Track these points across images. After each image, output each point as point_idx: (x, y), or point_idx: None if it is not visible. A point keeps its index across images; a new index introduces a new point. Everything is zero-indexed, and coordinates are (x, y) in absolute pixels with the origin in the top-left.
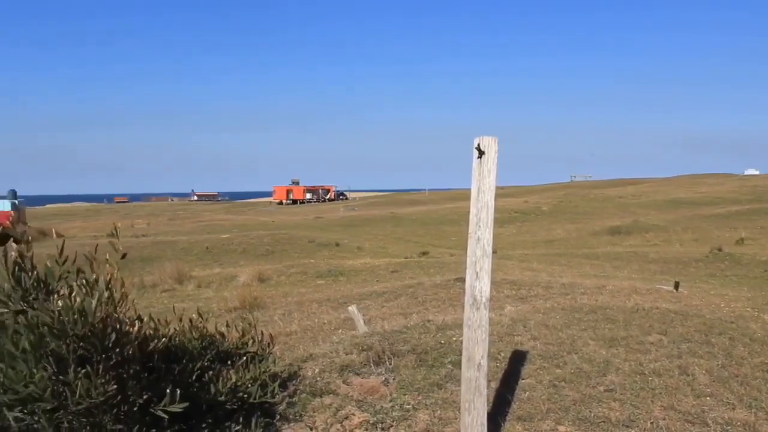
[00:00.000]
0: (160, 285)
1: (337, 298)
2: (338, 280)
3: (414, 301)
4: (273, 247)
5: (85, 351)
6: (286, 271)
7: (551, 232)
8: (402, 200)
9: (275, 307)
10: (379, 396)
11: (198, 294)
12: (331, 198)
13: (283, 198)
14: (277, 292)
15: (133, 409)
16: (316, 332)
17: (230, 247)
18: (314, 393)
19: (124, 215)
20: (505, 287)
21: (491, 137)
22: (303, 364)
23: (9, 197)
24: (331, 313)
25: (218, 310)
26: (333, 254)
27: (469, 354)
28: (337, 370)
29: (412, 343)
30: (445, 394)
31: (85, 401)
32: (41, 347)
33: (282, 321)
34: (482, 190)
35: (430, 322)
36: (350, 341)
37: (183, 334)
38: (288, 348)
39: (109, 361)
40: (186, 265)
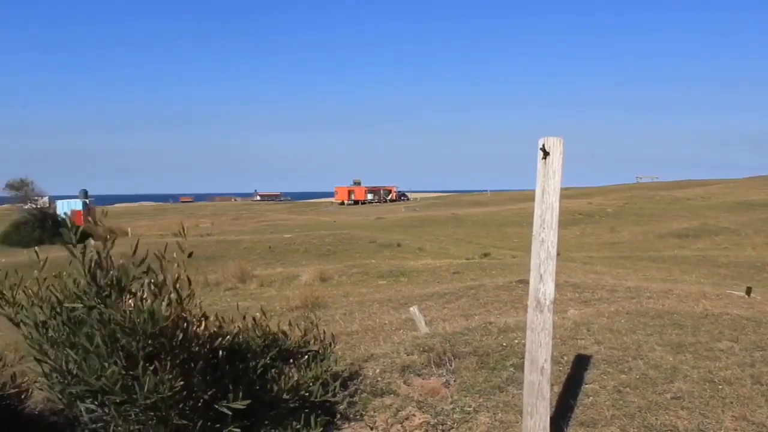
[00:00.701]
0: (224, 283)
1: (398, 299)
2: (399, 280)
3: (475, 303)
4: (334, 247)
5: (153, 348)
6: (347, 271)
7: (616, 235)
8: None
9: (336, 306)
10: (439, 397)
11: (260, 293)
12: (393, 199)
13: (344, 198)
14: (339, 292)
15: (198, 405)
16: (377, 332)
17: (292, 247)
18: (375, 393)
19: (189, 215)
20: (568, 290)
21: (556, 138)
22: (364, 364)
23: (81, 197)
24: (392, 313)
25: (280, 309)
26: (394, 255)
27: (532, 357)
28: (398, 371)
29: (473, 345)
30: (507, 397)
31: (153, 396)
32: (113, 343)
33: (343, 320)
34: (547, 191)
35: (491, 324)
36: (411, 342)
37: (246, 333)
38: (349, 347)
39: (176, 358)
40: (249, 264)
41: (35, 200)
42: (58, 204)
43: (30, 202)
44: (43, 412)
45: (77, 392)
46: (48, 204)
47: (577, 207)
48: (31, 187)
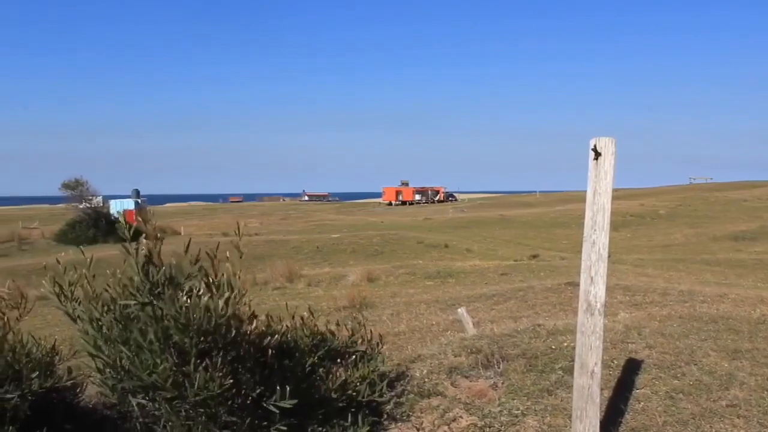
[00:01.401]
0: (272, 282)
1: (446, 300)
2: (447, 281)
3: (524, 305)
4: (382, 248)
5: (205, 345)
6: (394, 272)
7: (668, 237)
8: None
9: (384, 307)
10: (487, 400)
11: (308, 292)
12: (441, 199)
13: (392, 199)
14: (386, 292)
15: (247, 403)
16: (424, 333)
17: (340, 247)
18: (422, 394)
19: (238, 214)
20: (618, 293)
21: (608, 138)
22: (411, 365)
23: (133, 196)
24: (439, 314)
25: (327, 308)
26: (442, 255)
27: (582, 360)
28: (446, 372)
29: (521, 348)
30: (556, 400)
31: (203, 393)
32: (165, 339)
33: (390, 321)
34: (598, 192)
35: (540, 327)
36: (459, 343)
37: (295, 332)
38: (396, 348)
39: (226, 356)
40: (297, 263)
41: (89, 200)
42: (111, 203)
43: (84, 201)
44: (97, 405)
45: (129, 387)
46: (101, 203)
47: (628, 208)
48: (86, 187)
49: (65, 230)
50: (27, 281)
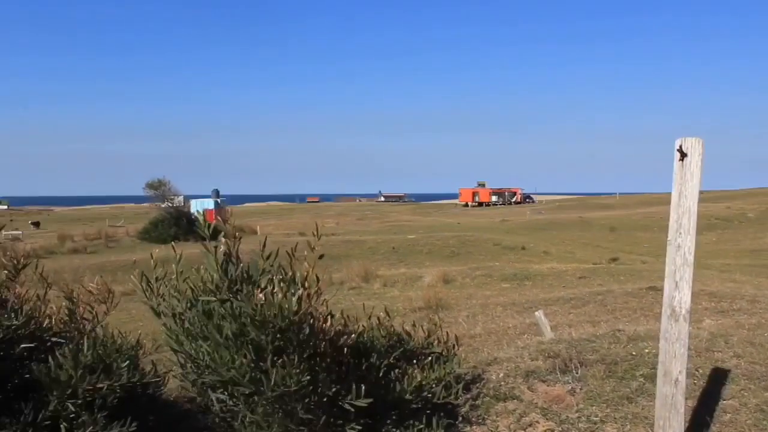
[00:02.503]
0: (348, 282)
1: (522, 303)
2: (523, 284)
3: (603, 309)
4: (458, 249)
5: (282, 342)
6: (470, 273)
7: (758, 241)
8: (591, 204)
9: (459, 308)
10: (564, 405)
11: (383, 293)
12: (518, 201)
13: (468, 200)
14: (462, 294)
15: (323, 400)
16: (500, 336)
17: (416, 248)
18: (498, 397)
19: (315, 214)
20: (703, 299)
21: (695, 138)
22: (487, 368)
23: (213, 196)
24: (515, 317)
25: (403, 309)
26: (519, 258)
27: (666, 368)
28: (522, 376)
29: (601, 353)
30: (636, 408)
31: (280, 389)
32: (243, 336)
33: (466, 323)
34: (684, 194)
35: (620, 332)
36: (536, 347)
37: (371, 332)
38: (472, 350)
39: (303, 354)
40: (372, 264)
41: (171, 199)
42: (191, 203)
43: (167, 200)
44: (178, 399)
45: (209, 382)
46: (183, 203)
47: (715, 211)
48: (168, 186)
49: (148, 228)
50: (113, 277)
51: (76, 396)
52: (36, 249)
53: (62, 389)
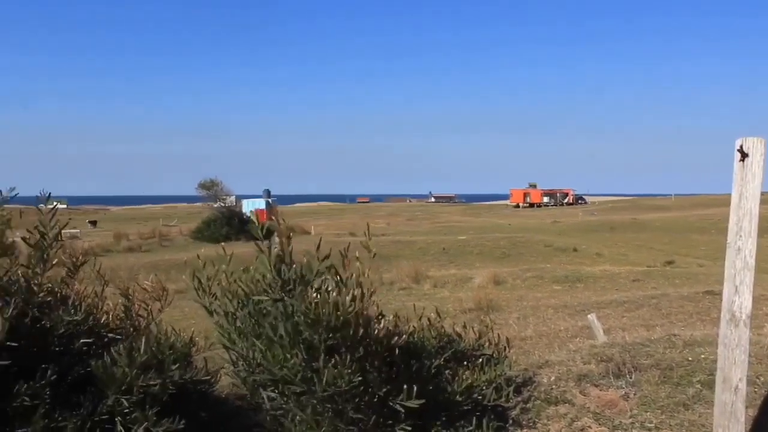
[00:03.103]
0: (398, 283)
1: (574, 305)
2: (575, 286)
3: (657, 313)
4: (509, 250)
5: (334, 342)
6: (521, 275)
7: None
8: (645, 205)
9: (510, 310)
10: (617, 410)
11: (434, 293)
12: (570, 202)
13: (519, 201)
14: (513, 296)
15: (373, 401)
16: (551, 338)
17: (466, 249)
18: (549, 401)
19: (365, 215)
20: (764, 304)
21: (756, 138)
22: (538, 371)
23: (264, 196)
24: (567, 320)
25: (453, 310)
26: (570, 259)
27: (725, 375)
28: (574, 380)
29: (655, 358)
30: (693, 415)
31: (331, 389)
32: (295, 335)
33: (517, 325)
34: (744, 196)
35: (676, 337)
36: (588, 350)
37: (422, 332)
38: (523, 353)
39: (354, 354)
40: (423, 264)
41: (223, 199)
42: (243, 203)
43: (219, 200)
44: (229, 396)
45: (260, 380)
46: (235, 203)
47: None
48: (220, 187)
49: (201, 228)
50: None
51: (130, 392)
52: (93, 247)
53: (117, 385)
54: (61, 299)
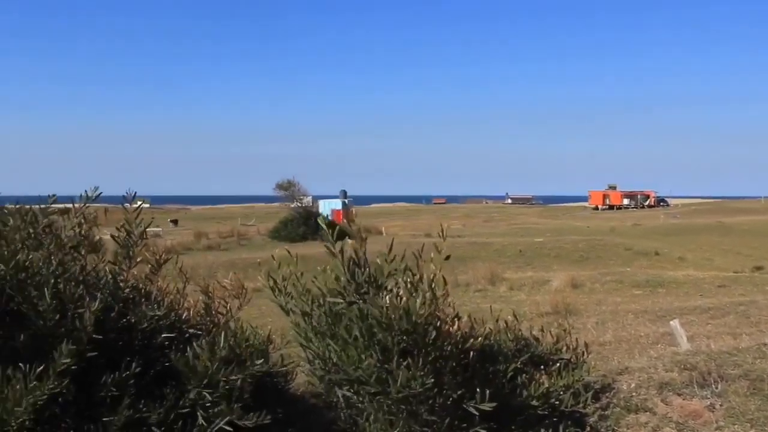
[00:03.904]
0: (473, 284)
1: (656, 311)
2: (657, 291)
3: (745, 321)
4: (587, 253)
5: (407, 344)
6: (600, 279)
7: None
8: (731, 208)
9: (588, 314)
10: (702, 422)
11: (509, 296)
12: (651, 204)
13: (598, 203)
14: (591, 300)
15: (447, 403)
16: (632, 344)
17: (543, 251)
18: (629, 408)
19: (441, 216)
20: None
21: None
22: (617, 377)
23: (340, 197)
24: (648, 325)
25: (530, 313)
26: (651, 264)
27: None
28: (656, 388)
29: (744, 368)
30: None
31: (405, 390)
32: (370, 337)
33: (595, 330)
34: None
35: (766, 346)
36: (671, 358)
37: (498, 335)
38: (601, 358)
39: (428, 356)
40: (499, 266)
41: (300, 199)
42: (320, 203)
43: (296, 201)
44: (305, 394)
45: (335, 380)
46: (311, 203)
47: None
48: (297, 187)
49: (278, 228)
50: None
51: (211, 386)
52: (175, 245)
53: (199, 379)
54: (145, 295)
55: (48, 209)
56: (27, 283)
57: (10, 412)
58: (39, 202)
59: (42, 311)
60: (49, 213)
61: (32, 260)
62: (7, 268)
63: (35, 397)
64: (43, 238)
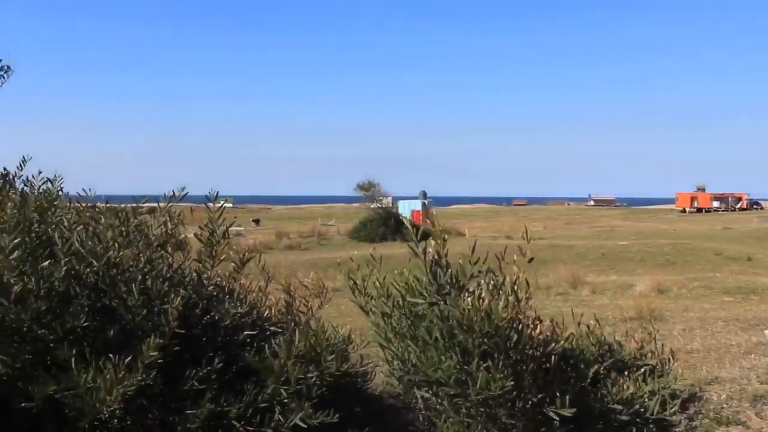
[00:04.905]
0: (554, 288)
1: (748, 319)
2: (749, 298)
3: None
4: (674, 258)
5: (488, 347)
6: (687, 284)
7: None
8: None
9: (674, 321)
10: None
11: (591, 300)
12: (743, 207)
13: (686, 206)
14: (677, 306)
15: (526, 407)
16: (721, 354)
17: (627, 255)
18: (719, 420)
19: (521, 217)
20: None
21: None
22: (706, 387)
23: (420, 198)
24: (739, 334)
25: (612, 318)
26: (743, 269)
27: None
28: (749, 400)
29: None
30: None
31: (484, 393)
32: (450, 338)
33: (682, 337)
34: None
35: None
36: (765, 369)
37: (580, 339)
38: (688, 367)
39: (508, 359)
40: (580, 269)
41: (380, 200)
42: (399, 204)
43: (376, 201)
44: (383, 393)
45: (414, 380)
46: (391, 204)
47: None
48: (378, 188)
49: (358, 228)
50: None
51: (288, 383)
52: (256, 244)
53: (277, 375)
54: (228, 293)
55: (138, 209)
56: (117, 279)
57: (102, 401)
58: (130, 201)
59: (131, 306)
60: (140, 212)
61: (122, 257)
62: (100, 264)
63: (125, 387)
64: (133, 237)
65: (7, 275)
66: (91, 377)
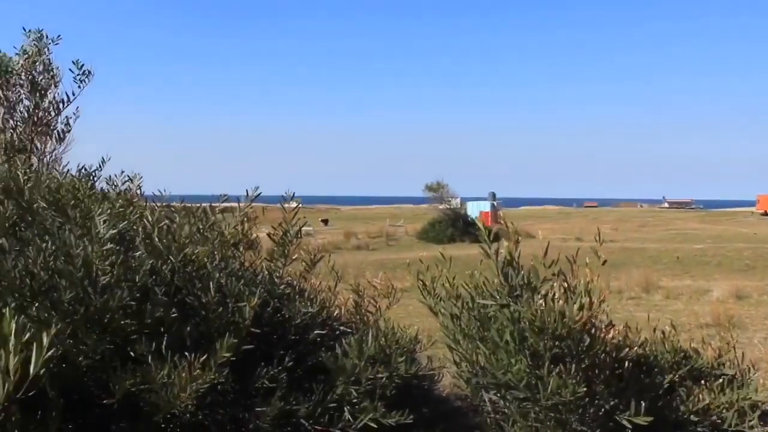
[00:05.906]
0: (626, 292)
1: None
2: None
3: None
4: (754, 262)
5: (560, 350)
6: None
7: None
8: None
9: (755, 329)
10: None
11: (665, 305)
12: None
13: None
14: (758, 313)
15: (599, 413)
16: None
17: (703, 259)
18: None
19: (592, 219)
20: None
21: None
22: None
23: (489, 199)
24: None
25: (688, 324)
26: None
27: None
28: None
29: None
30: None
31: (555, 397)
32: (521, 341)
33: (763, 345)
34: None
35: None
36: None
37: (654, 346)
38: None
39: (581, 363)
40: (654, 273)
41: (449, 201)
42: (468, 205)
43: (444, 202)
44: (449, 395)
45: (483, 383)
46: (459, 205)
47: None
48: (446, 189)
49: (426, 229)
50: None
51: (359, 383)
52: (325, 244)
53: (347, 376)
54: (299, 292)
55: (215, 207)
56: (193, 276)
57: (176, 397)
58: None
59: (206, 303)
60: (217, 211)
61: (198, 254)
62: (176, 260)
63: (198, 384)
64: (208, 235)
65: (97, 265)
66: (166, 373)
